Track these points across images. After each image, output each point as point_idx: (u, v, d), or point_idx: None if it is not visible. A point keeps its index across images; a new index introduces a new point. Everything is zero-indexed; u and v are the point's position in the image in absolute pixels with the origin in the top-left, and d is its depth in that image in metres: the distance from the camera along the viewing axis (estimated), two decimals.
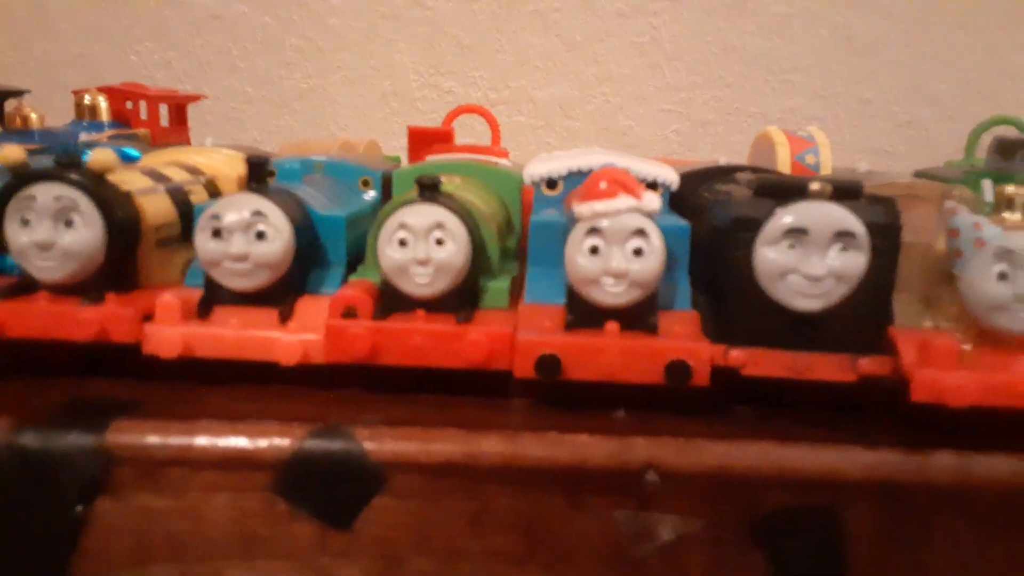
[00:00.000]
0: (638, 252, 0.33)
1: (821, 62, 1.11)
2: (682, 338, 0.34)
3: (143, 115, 0.76)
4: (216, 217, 0.35)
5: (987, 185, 0.47)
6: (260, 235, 0.35)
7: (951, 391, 0.32)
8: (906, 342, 0.34)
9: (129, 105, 0.76)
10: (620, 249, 0.33)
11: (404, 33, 1.09)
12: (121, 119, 0.76)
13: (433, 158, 0.50)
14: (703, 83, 1.12)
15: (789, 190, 0.34)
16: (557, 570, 0.33)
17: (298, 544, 0.33)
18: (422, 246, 0.34)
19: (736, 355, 0.35)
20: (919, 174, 0.55)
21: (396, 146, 0.88)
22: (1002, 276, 0.33)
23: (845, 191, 0.34)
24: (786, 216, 0.33)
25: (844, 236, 0.33)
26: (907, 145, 1.14)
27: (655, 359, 0.33)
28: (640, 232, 0.33)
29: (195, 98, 0.84)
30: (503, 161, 0.51)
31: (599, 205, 0.33)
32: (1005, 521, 0.32)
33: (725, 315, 0.35)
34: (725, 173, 0.47)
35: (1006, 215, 0.34)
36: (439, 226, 0.34)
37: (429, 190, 0.35)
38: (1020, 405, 0.33)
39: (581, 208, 0.34)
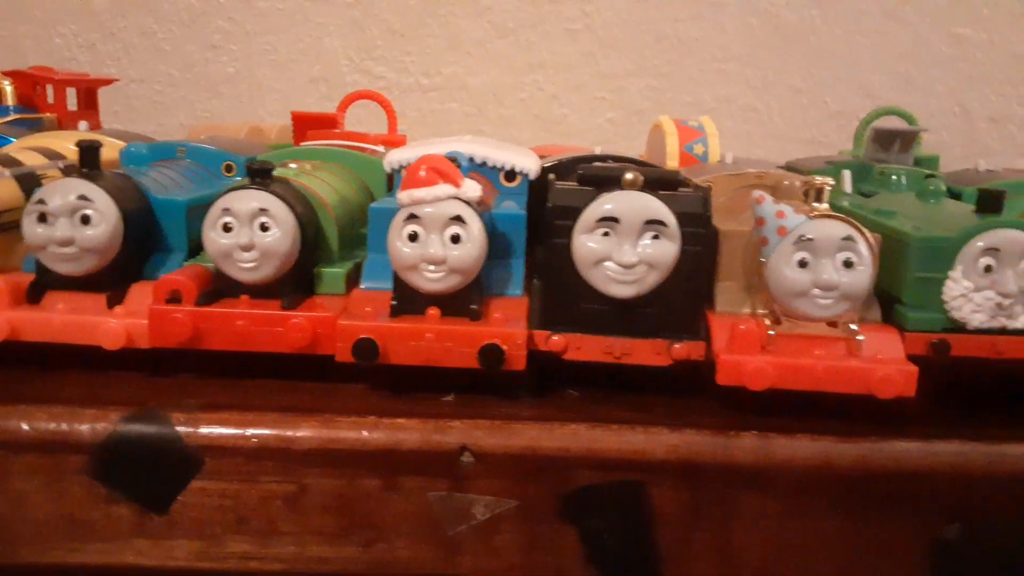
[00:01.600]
0: (456, 239, 0.34)
1: (753, 51, 1.12)
2: (499, 323, 0.34)
3: (50, 99, 0.75)
4: (41, 202, 0.35)
5: (846, 176, 0.48)
6: (85, 220, 0.35)
7: (751, 375, 0.33)
8: (720, 328, 0.35)
9: (39, 89, 0.75)
10: (438, 236, 0.34)
11: (333, 16, 1.09)
12: (29, 103, 0.75)
13: (307, 144, 0.50)
14: (637, 71, 1.12)
15: (607, 180, 0.35)
16: (374, 549, 0.34)
17: (117, 527, 0.34)
18: (246, 231, 0.34)
19: (557, 340, 0.36)
20: (788, 166, 0.56)
21: None
22: (802, 264, 0.34)
23: (658, 181, 0.35)
24: (599, 205, 0.34)
25: (655, 225, 0.34)
26: (839, 134, 1.15)
27: (470, 344, 0.34)
28: (458, 219, 0.34)
29: (105, 82, 0.83)
30: (381, 148, 0.51)
31: (418, 192, 0.34)
32: (804, 500, 0.34)
33: (548, 301, 0.36)
34: (590, 162, 0.48)
35: (815, 205, 0.35)
36: (263, 212, 0.35)
37: (258, 175, 0.35)
38: (817, 388, 0.34)
39: (401, 195, 0.34)
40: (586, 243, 0.34)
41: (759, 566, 0.34)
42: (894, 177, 0.47)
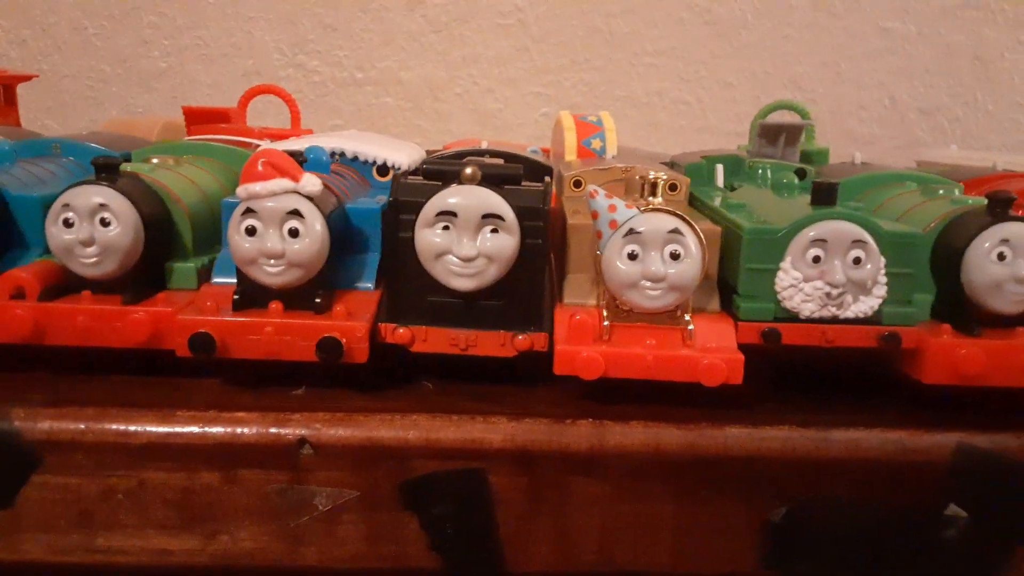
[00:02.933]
0: (294, 233, 0.34)
1: (684, 45, 1.13)
2: (341, 317, 0.35)
3: None
4: None
5: (718, 170, 0.49)
6: None
7: (583, 364, 0.34)
8: (562, 319, 0.36)
9: None
10: (276, 230, 0.34)
11: (265, 10, 1.08)
12: None
13: (188, 139, 0.50)
14: (570, 65, 1.13)
15: (448, 175, 0.36)
16: (217, 541, 0.34)
17: None
18: (86, 227, 0.35)
19: (403, 333, 0.36)
20: (671, 160, 0.57)
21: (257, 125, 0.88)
22: (632, 256, 0.34)
23: (499, 177, 0.36)
24: (438, 200, 0.35)
25: (493, 219, 0.35)
26: None
27: (309, 337, 0.34)
28: (296, 213, 0.34)
29: (24, 78, 0.82)
30: (264, 143, 0.52)
31: (254, 187, 0.34)
32: (637, 484, 0.35)
33: (394, 294, 0.37)
34: (471, 156, 0.49)
35: (650, 199, 0.36)
36: (103, 207, 0.35)
37: (103, 171, 0.36)
38: (647, 376, 0.35)
39: (239, 190, 0.34)
40: (427, 237, 0.35)
41: (597, 548, 0.35)
42: (760, 171, 0.48)
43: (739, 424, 0.35)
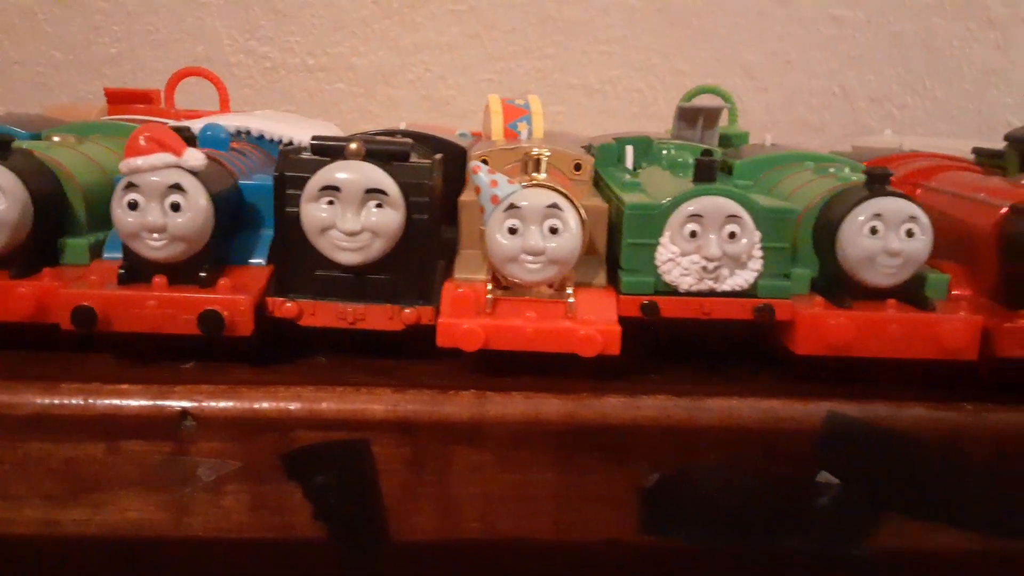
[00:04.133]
0: (176, 207, 0.35)
1: (637, 33, 1.13)
2: (226, 290, 0.35)
3: None
4: None
5: (628, 151, 0.50)
6: None
7: (464, 337, 0.35)
8: (448, 293, 0.37)
9: None
10: (158, 204, 0.35)
11: None
12: None
13: (105, 119, 0.50)
14: (522, 53, 1.13)
15: (334, 151, 0.36)
16: (103, 512, 0.35)
17: None
18: None
19: (290, 307, 0.37)
20: (588, 143, 0.57)
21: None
22: (512, 230, 0.35)
23: (386, 153, 0.36)
24: (322, 174, 0.35)
25: (376, 193, 0.35)
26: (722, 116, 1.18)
27: (191, 310, 0.35)
28: (177, 188, 0.35)
29: None
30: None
31: (135, 161, 0.34)
32: (518, 453, 0.35)
33: (283, 268, 0.37)
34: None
35: (535, 175, 0.37)
36: None
37: None
38: (527, 348, 0.35)
39: (121, 164, 0.35)
40: (312, 211, 0.35)
41: (479, 517, 0.36)
42: (664, 152, 0.49)
43: (617, 394, 0.36)
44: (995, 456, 0.36)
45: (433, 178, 0.36)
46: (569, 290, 0.36)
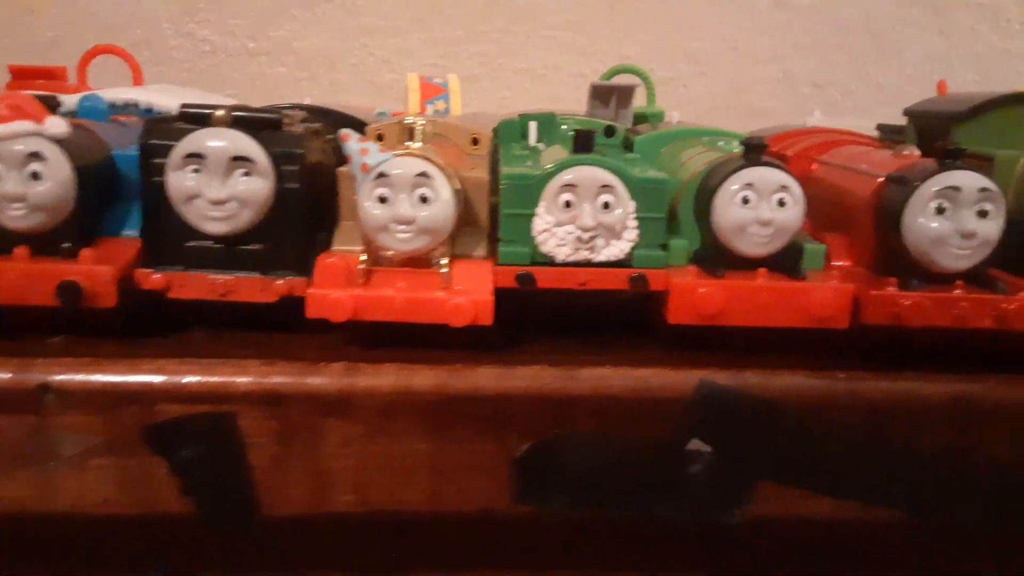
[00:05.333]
0: (36, 176, 0.34)
1: (582, 19, 1.13)
2: (87, 261, 0.35)
3: None
4: None
5: (532, 127, 0.49)
6: None
7: (331, 307, 0.35)
8: (320, 264, 0.36)
9: None
10: (17, 173, 0.34)
11: None
12: None
13: None
14: (467, 38, 1.13)
15: (201, 118, 0.35)
16: None
17: None
18: None
19: (158, 278, 0.36)
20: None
21: None
22: (382, 199, 0.35)
23: (252, 120, 0.35)
24: (186, 142, 0.35)
25: (243, 161, 0.35)
26: (666, 101, 1.17)
27: (50, 281, 0.34)
28: (36, 156, 0.34)
29: None
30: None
31: None
32: (389, 424, 0.35)
33: (151, 239, 0.36)
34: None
35: (408, 144, 0.36)
36: None
37: None
38: (397, 319, 0.35)
39: None
40: (177, 180, 0.35)
41: (352, 489, 0.36)
42: (563, 127, 0.48)
43: (491, 364, 0.35)
44: (867, 424, 0.36)
45: (306, 147, 0.36)
46: (444, 260, 0.36)
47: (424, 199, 0.35)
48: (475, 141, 0.45)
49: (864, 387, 0.36)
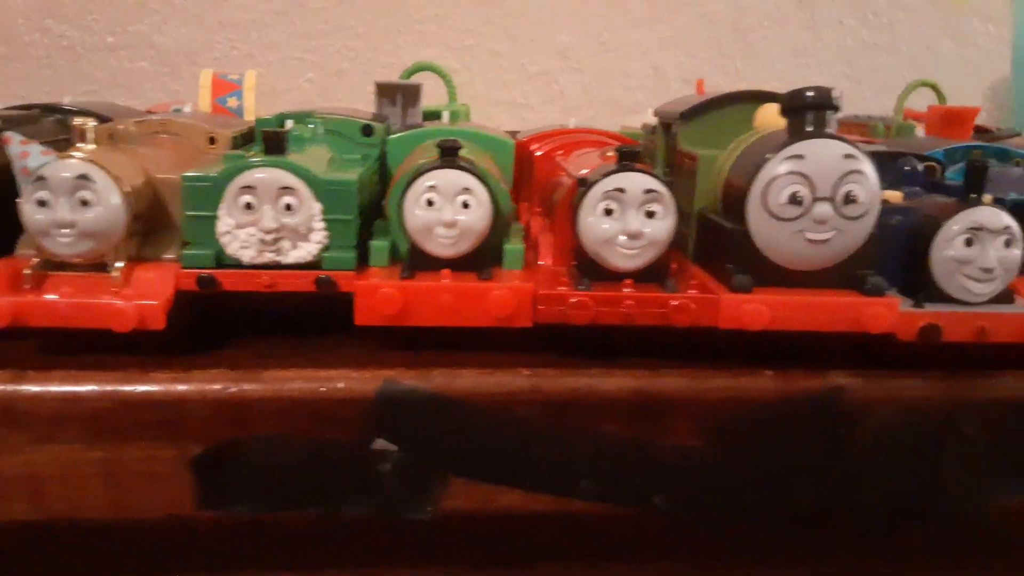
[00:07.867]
0: None
1: (451, 13, 1.13)
2: None
3: None
4: None
5: (288, 126, 0.49)
6: None
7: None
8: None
9: None
10: None
11: None
12: None
13: None
14: (332, 31, 1.11)
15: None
16: None
17: None
18: None
19: None
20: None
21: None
22: (41, 203, 0.34)
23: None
24: None
25: None
26: (538, 96, 1.18)
27: None
28: None
29: None
30: None
31: None
32: (58, 433, 0.34)
33: None
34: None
35: (80, 145, 0.36)
36: None
37: None
38: (61, 324, 0.35)
39: None
40: None
41: (27, 498, 0.35)
42: (311, 126, 0.48)
43: (165, 369, 0.35)
44: (548, 419, 0.37)
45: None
46: (119, 264, 0.36)
47: (84, 202, 0.34)
48: (212, 140, 0.45)
49: (546, 384, 0.37)
